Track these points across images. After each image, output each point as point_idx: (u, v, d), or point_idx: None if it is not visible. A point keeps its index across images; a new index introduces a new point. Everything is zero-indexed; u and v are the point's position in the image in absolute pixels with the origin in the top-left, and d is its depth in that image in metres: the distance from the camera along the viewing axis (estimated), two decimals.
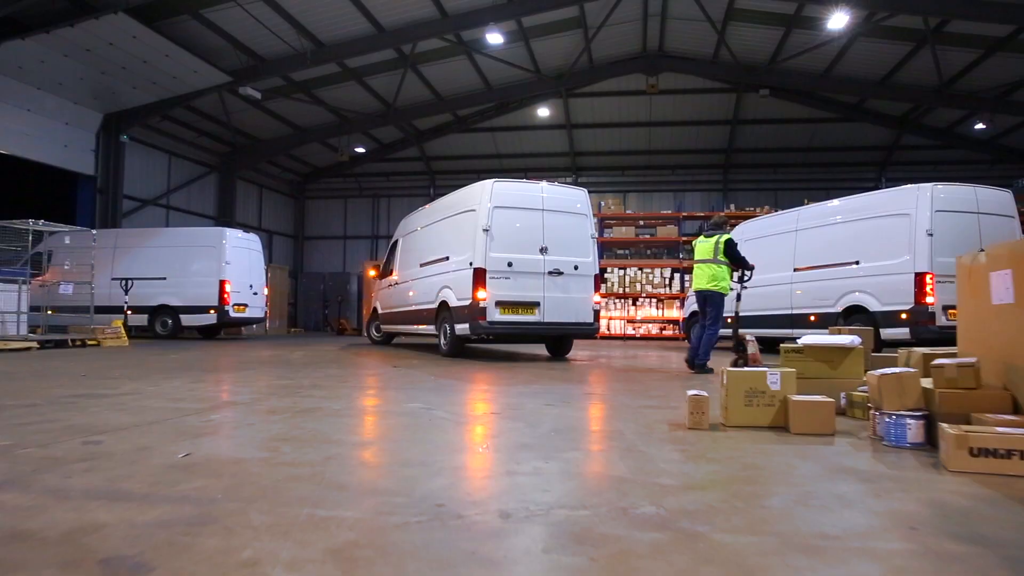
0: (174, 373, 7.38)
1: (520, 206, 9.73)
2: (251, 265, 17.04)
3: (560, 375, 8.01)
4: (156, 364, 8.68)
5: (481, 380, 7.22)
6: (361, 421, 4.32)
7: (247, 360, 9.72)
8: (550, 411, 4.87)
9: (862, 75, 19.85)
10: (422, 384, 6.65)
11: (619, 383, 7.11)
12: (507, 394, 5.85)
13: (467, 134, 25.26)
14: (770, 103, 21.99)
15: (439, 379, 7.22)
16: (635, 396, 5.86)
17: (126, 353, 10.88)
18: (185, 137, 22.26)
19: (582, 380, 7.41)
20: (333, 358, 10.51)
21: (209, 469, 2.93)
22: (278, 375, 7.36)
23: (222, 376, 7.27)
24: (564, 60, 20.89)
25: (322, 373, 7.66)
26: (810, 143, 23.94)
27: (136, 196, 20.86)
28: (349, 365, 9.18)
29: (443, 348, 10.36)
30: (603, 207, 19.32)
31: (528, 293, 9.49)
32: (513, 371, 8.37)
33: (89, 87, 17.28)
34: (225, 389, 6.03)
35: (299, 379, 6.93)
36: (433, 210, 12.01)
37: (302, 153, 25.79)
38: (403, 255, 13.06)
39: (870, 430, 3.99)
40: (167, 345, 13.66)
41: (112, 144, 19.21)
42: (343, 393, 5.80)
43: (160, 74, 17.15)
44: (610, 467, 3.13)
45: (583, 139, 25.12)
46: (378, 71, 20.24)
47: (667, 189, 25.33)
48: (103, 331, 12.80)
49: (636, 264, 18.80)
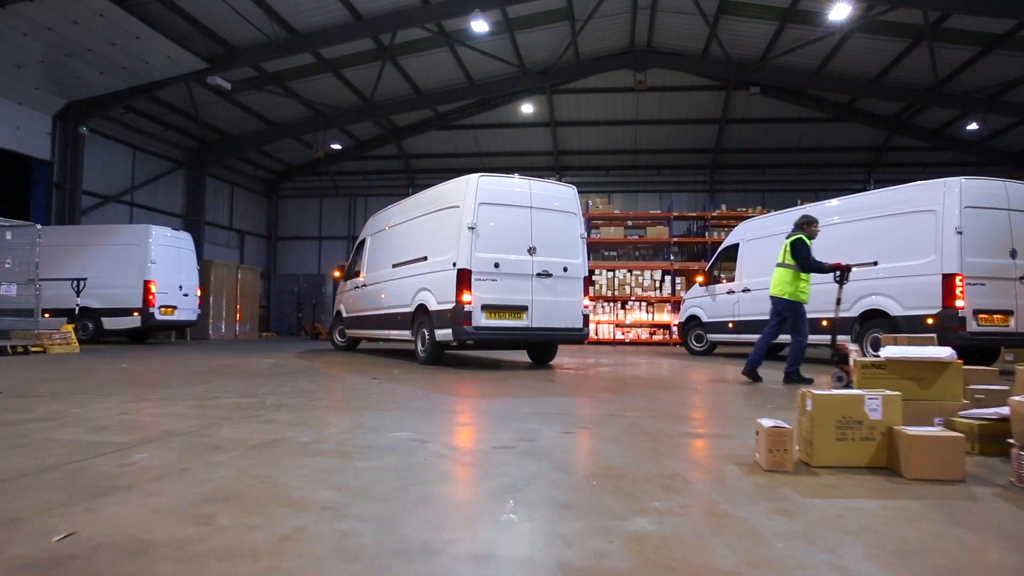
0: (114, 388, 6.20)
1: (507, 203, 8.90)
2: (181, 264, 15.82)
3: (564, 388, 6.96)
4: (98, 376, 7.47)
5: (474, 395, 6.14)
6: (336, 463, 3.22)
7: (208, 370, 8.53)
8: (574, 443, 3.82)
9: (855, 73, 19.14)
10: (408, 403, 5.56)
11: (636, 399, 6.08)
12: (511, 415, 4.80)
13: (448, 131, 24.16)
14: (759, 102, 21.23)
15: (427, 394, 6.14)
16: (667, 419, 4.83)
17: (70, 362, 9.61)
18: (151, 131, 20.85)
19: (592, 396, 6.36)
20: (305, 367, 9.36)
21: (88, 572, 1.82)
22: (239, 390, 6.21)
23: (172, 392, 6.10)
24: (549, 54, 19.91)
25: (290, 387, 6.52)
26: (799, 143, 23.23)
27: (97, 192, 19.43)
28: (323, 376, 8.05)
29: (420, 355, 9.46)
30: (591, 206, 18.35)
31: (516, 296, 8.70)
32: (508, 383, 7.31)
33: (51, 71, 15.85)
34: (167, 411, 4.88)
35: (262, 395, 5.79)
36: (408, 207, 11.03)
37: (276, 150, 24.47)
38: (372, 255, 12.07)
39: (1013, 475, 2.99)
40: (122, 352, 12.37)
41: (70, 136, 17.80)
42: (313, 417, 4.69)
43: (130, 58, 15.78)
44: (708, 550, 2.07)
45: (567, 137, 24.15)
46: (355, 63, 19.07)
47: (653, 189, 24.48)
48: (50, 336, 11.49)
49: (625, 266, 17.83)
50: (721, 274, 13.45)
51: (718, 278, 13.40)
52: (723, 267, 13.55)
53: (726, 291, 12.84)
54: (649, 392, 6.72)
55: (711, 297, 13.29)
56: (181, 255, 15.94)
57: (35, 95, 16.54)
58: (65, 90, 16.84)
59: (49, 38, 14.40)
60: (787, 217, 12.26)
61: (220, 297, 19.80)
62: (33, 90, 16.39)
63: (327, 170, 26.38)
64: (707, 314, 13.30)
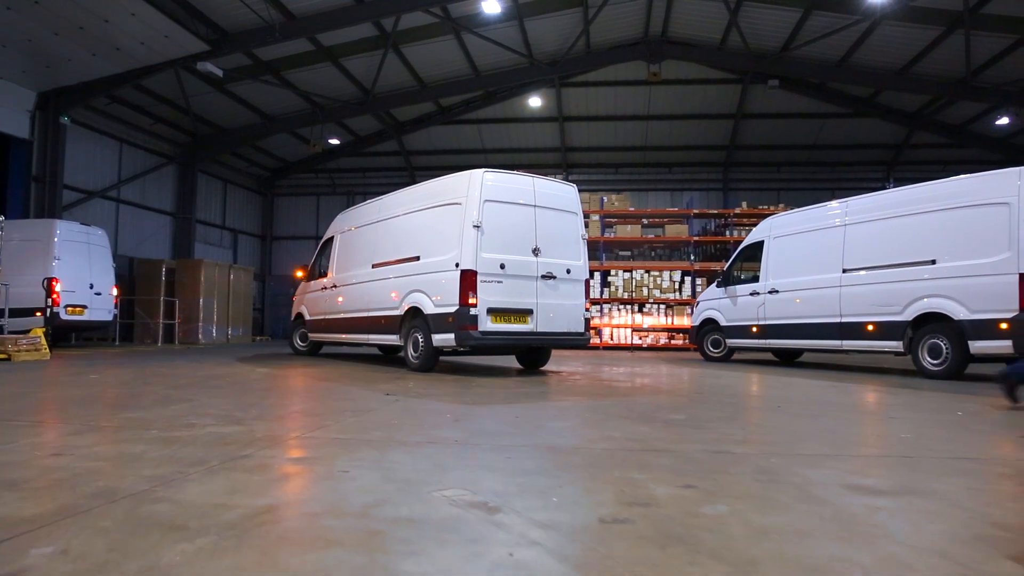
0: (64, 409, 4.87)
1: (512, 201, 8.32)
2: (92, 262, 14.51)
3: (617, 407, 5.66)
4: (53, 391, 6.13)
5: (516, 419, 4.83)
6: (364, 564, 1.93)
7: (191, 382, 7.19)
8: (712, 509, 2.53)
9: (881, 65, 17.97)
10: (439, 432, 4.25)
11: (731, 424, 4.79)
12: (588, 455, 3.51)
13: (450, 126, 22.87)
14: (777, 96, 20.05)
15: (456, 416, 4.84)
16: (812, 462, 3.54)
17: (33, 372, 8.24)
18: (139, 123, 19.47)
19: (663, 418, 5.06)
20: (298, 376, 8.03)
21: None
22: (223, 413, 4.87)
23: (137, 415, 4.77)
24: (560, 44, 18.67)
25: (283, 409, 5.21)
26: (816, 140, 22.07)
27: (80, 187, 18.03)
28: (325, 392, 6.72)
29: (413, 361, 8.69)
30: (605, 203, 17.06)
31: (521, 299, 8.16)
32: (539, 399, 6.02)
33: (38, 52, 14.47)
34: (119, 450, 3.55)
35: (252, 421, 4.46)
36: (391, 203, 10.11)
37: (270, 145, 23.10)
38: (343, 254, 11.20)
39: None
40: (96, 360, 11.00)
41: (50, 126, 16.40)
42: (321, 458, 3.38)
43: (125, 38, 14.39)
44: None
45: (575, 133, 22.89)
46: (355, 51, 17.76)
47: (664, 188, 23.26)
48: (16, 342, 10.10)
49: (643, 266, 16.53)
50: (741, 274, 12.26)
51: (738, 279, 12.20)
52: (744, 267, 12.38)
53: (749, 292, 11.62)
54: (740, 412, 5.44)
55: (730, 299, 12.08)
56: (92, 252, 14.62)
57: (22, 78, 15.19)
58: (52, 74, 15.44)
59: (37, 13, 13.05)
60: (819, 213, 11.05)
61: (211, 299, 18.36)
62: (21, 73, 15.03)
63: (324, 167, 25.03)
64: (726, 317, 12.09)
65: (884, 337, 9.46)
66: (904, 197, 9.76)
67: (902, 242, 9.39)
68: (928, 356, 8.94)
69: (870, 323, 9.71)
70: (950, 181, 9.42)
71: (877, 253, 9.76)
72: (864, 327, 9.75)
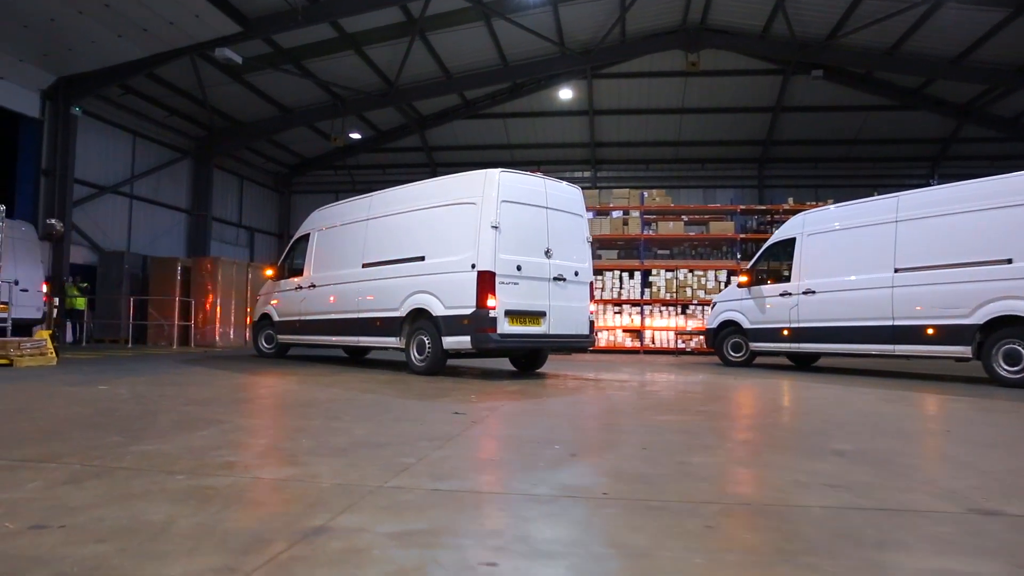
0: (52, 441, 3.74)
1: (526, 202, 8.18)
2: (16, 257, 13.20)
3: (765, 432, 4.50)
4: (47, 408, 5.01)
5: (656, 453, 3.67)
6: None
7: (212, 397, 6.07)
8: None
9: (935, 52, 16.74)
10: (562, 470, 3.10)
11: (910, 457, 3.63)
12: (814, 519, 2.37)
13: (475, 120, 21.75)
14: (820, 87, 18.83)
15: (574, 452, 3.68)
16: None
17: (31, 381, 7.12)
18: (152, 115, 18.44)
19: (838, 452, 3.90)
20: (335, 386, 6.90)
21: None
22: (259, 445, 3.73)
23: (143, 452, 3.64)
24: (594, 33, 17.55)
25: (338, 436, 4.07)
26: (858, 134, 20.85)
27: (91, 181, 17.00)
28: (369, 403, 5.56)
29: (417, 365, 8.40)
30: (646, 199, 15.87)
31: (536, 301, 8.09)
32: (636, 415, 4.87)
33: (61, 33, 13.45)
34: (112, 532, 2.42)
35: (304, 458, 3.31)
36: (387, 200, 9.62)
37: (288, 140, 22.04)
38: (323, 253, 10.60)
39: None
40: (110, 367, 9.92)
41: (60, 118, 15.36)
42: (433, 528, 2.24)
43: (154, 18, 13.34)
44: None
45: (605, 127, 21.72)
46: (380, 39, 16.67)
47: (696, 185, 22.08)
48: (19, 346, 9.01)
49: (686, 265, 15.34)
50: (768, 274, 11.23)
51: (763, 278, 11.17)
52: (771, 266, 11.36)
53: (778, 293, 10.57)
54: (914, 440, 4.27)
55: (754, 300, 11.03)
56: (15, 246, 13.32)
57: (43, 61, 14.21)
58: (76, 58, 14.42)
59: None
60: (863, 208, 9.96)
61: (228, 300, 17.20)
62: (42, 56, 14.04)
63: (343, 163, 23.95)
64: (750, 319, 11.03)
65: (947, 342, 8.50)
66: (971, 192, 8.71)
67: (970, 240, 8.37)
68: (1004, 362, 7.96)
69: (930, 326, 8.67)
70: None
71: (937, 251, 8.73)
72: (923, 331, 8.73)
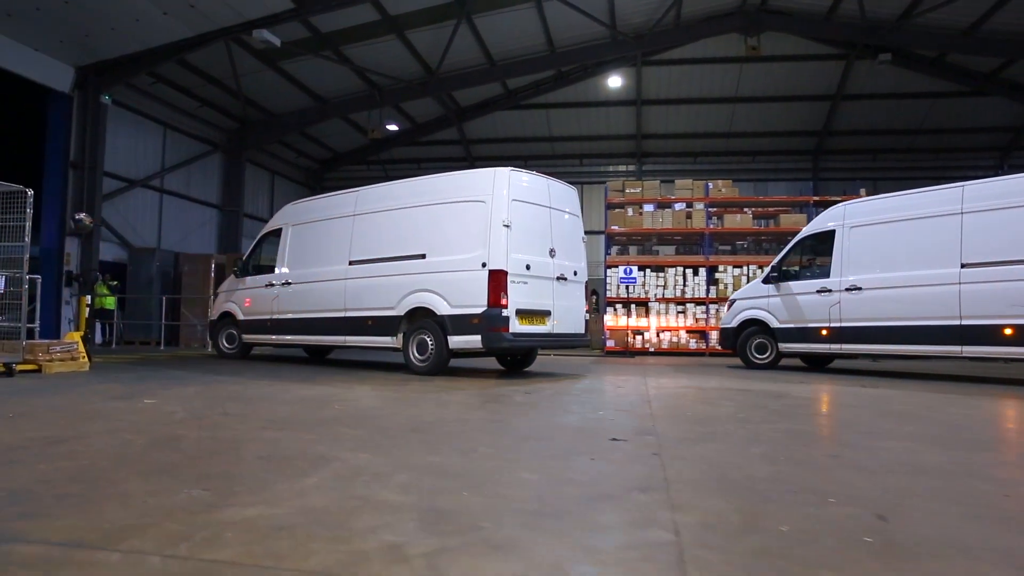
0: (98, 499, 2.60)
1: (532, 201, 8.12)
2: None
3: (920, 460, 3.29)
4: (84, 434, 3.87)
5: (784, 482, 2.48)
6: None
7: (290, 415, 4.94)
8: None
9: (1018, 32, 15.34)
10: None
11: None
12: None
13: (516, 111, 20.53)
14: (885, 73, 17.45)
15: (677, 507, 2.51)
16: None
17: (62, 392, 6.01)
18: (183, 106, 17.41)
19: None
20: (428, 404, 5.73)
21: None
22: (411, 508, 2.58)
23: (242, 522, 2.51)
24: (648, 16, 16.31)
25: (495, 482, 2.92)
26: (922, 124, 19.46)
27: (120, 175, 15.99)
28: (478, 423, 4.37)
29: (418, 365, 8.19)
30: (711, 190, 14.61)
31: (542, 301, 8.09)
32: (734, 423, 3.66)
33: (105, 10, 12.47)
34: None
35: (478, 520, 2.17)
36: (379, 195, 9.21)
37: (321, 133, 20.96)
38: (299, 249, 10.05)
39: None
40: (153, 372, 8.83)
41: (90, 107, 14.35)
42: None
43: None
44: None
45: (652, 118, 20.46)
46: (423, 22, 15.51)
47: (747, 178, 20.73)
48: (48, 350, 7.92)
49: (756, 261, 14.07)
50: (801, 269, 10.12)
51: (796, 274, 10.01)
52: (803, 260, 10.36)
53: (815, 290, 9.46)
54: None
55: (784, 297, 9.90)
56: None
57: (84, 40, 13.24)
58: (112, 41, 13.42)
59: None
60: (919, 199, 8.87)
61: None
62: (84, 36, 13.07)
63: (376, 158, 22.86)
64: (779, 318, 9.89)
65: None
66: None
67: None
68: None
69: (1008, 326, 7.84)
70: None
71: (1008, 245, 7.86)
72: (998, 331, 7.90)
